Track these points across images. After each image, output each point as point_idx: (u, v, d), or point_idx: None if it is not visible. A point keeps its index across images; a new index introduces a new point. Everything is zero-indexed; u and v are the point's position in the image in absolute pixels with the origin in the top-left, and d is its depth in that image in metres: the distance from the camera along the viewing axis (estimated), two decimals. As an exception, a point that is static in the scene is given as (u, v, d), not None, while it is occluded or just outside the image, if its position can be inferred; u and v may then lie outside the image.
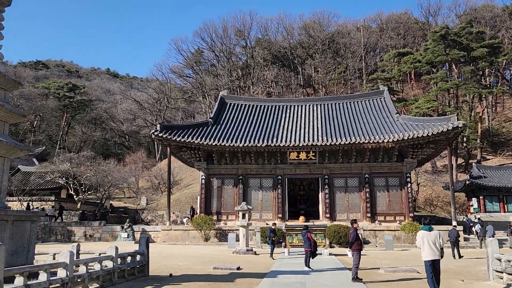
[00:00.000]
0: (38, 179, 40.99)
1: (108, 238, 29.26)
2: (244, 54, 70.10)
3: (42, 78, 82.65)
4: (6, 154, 10.38)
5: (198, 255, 19.91)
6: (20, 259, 9.87)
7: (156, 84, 72.82)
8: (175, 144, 29.70)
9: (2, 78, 10.48)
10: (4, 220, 9.51)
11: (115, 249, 11.05)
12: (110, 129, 74.86)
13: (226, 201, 30.49)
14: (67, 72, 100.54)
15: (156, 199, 47.91)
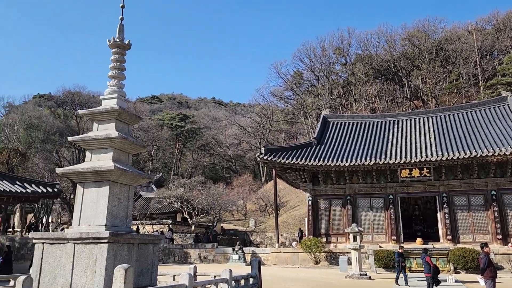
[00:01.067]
0: (156, 204, 44.55)
1: (221, 260, 30.25)
2: (344, 71, 69.05)
3: (157, 111, 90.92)
4: (130, 182, 11.30)
5: (309, 278, 19.45)
6: (145, 280, 10.54)
7: (259, 109, 75.13)
8: (280, 166, 29.93)
9: (125, 114, 11.54)
10: (131, 244, 10.27)
11: (229, 272, 11.24)
12: (218, 154, 78.79)
13: (334, 222, 29.61)
14: (178, 104, 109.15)
15: (264, 221, 48.61)
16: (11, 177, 25.84)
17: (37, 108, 67.99)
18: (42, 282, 9.65)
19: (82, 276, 9.40)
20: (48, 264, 9.85)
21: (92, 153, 11.16)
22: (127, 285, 7.38)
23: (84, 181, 10.77)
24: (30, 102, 79.38)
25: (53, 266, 9.77)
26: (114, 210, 10.49)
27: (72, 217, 33.12)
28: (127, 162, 11.48)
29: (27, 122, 56.22)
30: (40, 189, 24.78)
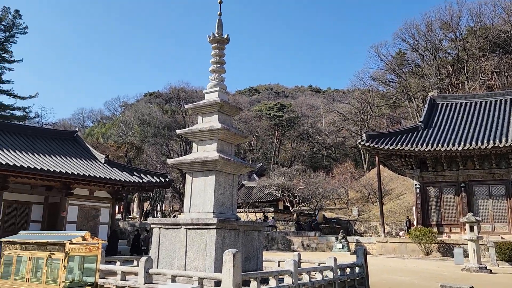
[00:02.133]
0: (258, 192, 45.80)
1: (324, 248, 30.09)
2: (453, 47, 63.11)
3: (255, 102, 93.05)
4: (234, 171, 11.73)
5: (419, 270, 18.36)
6: (252, 265, 10.90)
7: (358, 94, 72.59)
8: (383, 152, 28.62)
9: (226, 106, 11.98)
10: (237, 230, 10.70)
11: (334, 260, 11.09)
12: (317, 143, 78.13)
13: (446, 211, 27.49)
14: (275, 94, 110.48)
15: (367, 210, 47.12)
16: (129, 168, 28.62)
17: (147, 105, 74.21)
18: (161, 263, 10.54)
19: (194, 259, 10.06)
20: (165, 247, 10.72)
21: (198, 144, 11.82)
22: (236, 268, 7.69)
23: (192, 170, 11.46)
24: (141, 100, 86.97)
25: (169, 249, 10.61)
26: (220, 198, 11.00)
27: (183, 205, 35.50)
28: (230, 152, 11.93)
29: (140, 119, 61.68)
30: (154, 179, 27.04)
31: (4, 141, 23.58)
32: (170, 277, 8.78)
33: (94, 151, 28.97)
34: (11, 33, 50.66)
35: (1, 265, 8.93)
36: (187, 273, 8.97)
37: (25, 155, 22.54)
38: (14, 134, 25.32)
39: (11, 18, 50.62)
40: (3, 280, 8.77)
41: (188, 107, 12.72)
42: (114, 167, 26.89)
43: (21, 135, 25.56)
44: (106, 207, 26.72)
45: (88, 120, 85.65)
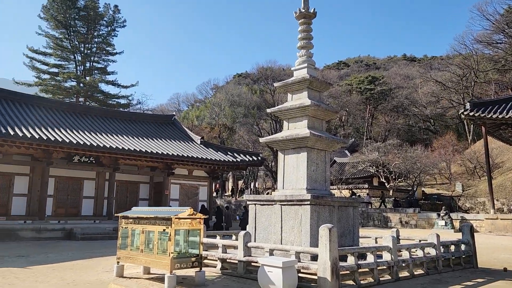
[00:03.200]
0: (351, 169, 44.84)
1: (424, 225, 28.67)
2: None
3: (344, 76, 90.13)
4: (325, 148, 11.61)
5: (537, 250, 16.62)
6: (348, 241, 10.80)
7: (459, 59, 66.34)
8: (491, 122, 26.04)
9: (316, 82, 11.81)
10: (331, 206, 10.64)
11: (437, 237, 10.52)
12: (413, 115, 73.68)
13: None
14: (366, 66, 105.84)
15: (473, 185, 43.56)
16: (223, 148, 29.90)
17: (237, 87, 76.15)
18: (258, 238, 10.94)
19: (290, 234, 10.27)
20: (261, 223, 11.09)
21: (288, 122, 11.88)
22: (332, 243, 7.69)
23: (284, 148, 11.59)
24: (231, 82, 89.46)
25: (265, 224, 10.95)
26: (313, 175, 11.00)
27: (275, 182, 36.31)
28: (321, 129, 11.81)
29: (230, 100, 63.63)
30: (247, 158, 27.94)
31: (113, 127, 26.09)
32: (268, 250, 9.08)
33: (190, 133, 30.73)
34: (112, 28, 55.12)
35: (119, 237, 10.02)
36: (284, 247, 9.20)
37: (131, 139, 24.72)
38: (121, 120, 27.87)
39: (111, 14, 55.02)
40: (121, 250, 9.85)
41: (277, 85, 12.79)
42: (209, 147, 28.30)
43: (126, 121, 28.06)
44: (204, 185, 28.35)
45: (183, 104, 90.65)
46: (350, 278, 8.27)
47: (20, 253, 14.24)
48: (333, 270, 7.60)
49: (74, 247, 16.68)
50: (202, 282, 8.60)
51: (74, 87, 50.94)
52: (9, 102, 23.16)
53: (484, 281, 9.55)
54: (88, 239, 19.12)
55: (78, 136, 21.99)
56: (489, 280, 9.71)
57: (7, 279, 9.45)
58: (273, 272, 7.60)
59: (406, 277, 9.47)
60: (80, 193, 23.86)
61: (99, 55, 54.78)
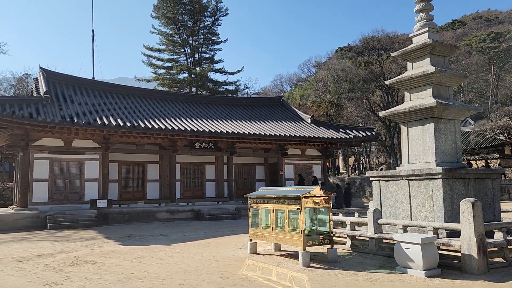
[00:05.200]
0: (477, 138, 40.87)
1: None
2: None
3: (461, 36, 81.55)
4: (455, 117, 10.74)
5: None
6: (488, 216, 9.94)
7: None
8: None
9: (439, 46, 10.92)
10: (466, 179, 9.88)
11: None
12: (549, 71, 64.08)
13: None
14: (486, 22, 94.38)
15: None
16: (335, 126, 29.48)
17: (340, 61, 73.90)
18: (384, 214, 10.67)
19: (420, 210, 9.81)
20: (387, 199, 10.77)
21: (410, 92, 11.23)
22: (477, 218, 7.16)
23: (407, 120, 11.01)
24: (333, 57, 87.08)
25: (392, 200, 10.61)
26: (442, 146, 10.30)
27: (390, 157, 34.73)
28: (448, 96, 10.97)
29: (334, 76, 62.08)
30: (360, 134, 27.17)
31: (227, 112, 27.43)
32: (401, 227, 8.81)
33: (300, 112, 30.88)
34: (215, 17, 57.42)
35: (250, 216, 10.60)
36: (419, 223, 8.82)
37: (245, 123, 25.73)
38: (232, 105, 29.16)
39: (214, 4, 57.28)
40: (253, 229, 10.42)
41: (394, 54, 12.12)
42: (320, 125, 28.16)
43: (238, 106, 29.26)
44: (317, 164, 28.40)
45: (286, 85, 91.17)
46: (498, 255, 7.64)
47: (160, 232, 15.93)
48: (479, 247, 7.09)
49: (204, 226, 18.11)
50: (335, 259, 8.71)
51: (187, 79, 54.53)
52: (134, 97, 25.72)
53: None
54: (214, 219, 20.58)
55: (197, 124, 23.60)
56: None
57: (158, 254, 10.66)
58: (411, 249, 7.36)
59: None
60: (203, 176, 25.71)
61: (205, 46, 57.63)
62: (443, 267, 7.49)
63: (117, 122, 20.29)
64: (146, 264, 9.38)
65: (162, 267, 8.92)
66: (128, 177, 23.78)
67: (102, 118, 20.39)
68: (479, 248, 7.09)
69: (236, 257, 9.93)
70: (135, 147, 23.39)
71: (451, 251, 7.73)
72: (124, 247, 12.21)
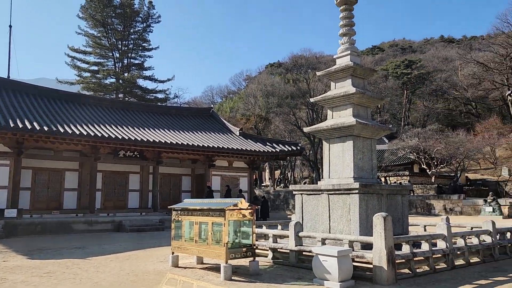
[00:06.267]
0: (390, 156, 44.00)
1: (470, 212, 27.86)
2: None
3: (379, 61, 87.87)
4: (371, 136, 11.50)
5: None
6: (397, 229, 10.68)
7: (502, 38, 63.08)
8: (540, 102, 24.86)
9: (360, 69, 11.67)
10: (380, 194, 10.57)
11: (492, 224, 10.26)
12: (453, 99, 71.11)
13: None
14: (401, 50, 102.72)
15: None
16: (262, 139, 30.06)
17: (269, 77, 75.91)
18: (305, 227, 11.03)
19: (339, 223, 10.30)
20: (308, 212, 11.17)
21: (332, 110, 11.82)
22: (388, 231, 7.67)
23: (329, 137, 11.56)
24: (263, 72, 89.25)
25: (312, 214, 11.02)
26: (360, 163, 10.94)
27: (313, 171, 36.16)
28: (366, 116, 11.69)
29: (263, 90, 63.57)
30: (286, 148, 27.98)
31: (154, 121, 26.78)
32: (320, 240, 9.16)
33: (229, 124, 31.08)
34: (147, 24, 56.24)
35: (173, 228, 10.38)
36: (337, 236, 9.25)
37: (173, 133, 25.30)
38: (161, 114, 28.56)
39: (146, 10, 56.07)
40: (175, 241, 10.21)
41: (319, 74, 12.73)
42: (248, 138, 28.54)
43: (166, 115, 28.72)
44: (244, 176, 28.68)
45: (217, 96, 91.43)
46: (405, 266, 8.23)
47: (76, 244, 14.99)
48: (389, 259, 7.60)
49: (125, 238, 17.37)
50: (256, 271, 8.81)
51: (114, 84, 52.47)
52: (54, 100, 24.15)
53: (545, 269, 9.26)
54: (137, 231, 19.84)
55: (122, 131, 22.73)
56: (551, 267, 9.40)
57: (71, 269, 10.01)
58: (328, 261, 7.68)
59: (462, 265, 9.33)
60: (126, 186, 24.72)
61: (135, 51, 56.09)
62: (357, 278, 7.91)
63: (32, 126, 18.86)
64: (57, 279, 8.77)
65: (75, 283, 8.40)
66: (42, 185, 22.13)
67: (15, 120, 18.84)
68: (389, 260, 7.60)
69: (157, 271, 9.65)
70: (52, 153, 21.88)
71: (364, 263, 8.19)
72: (33, 261, 11.31)
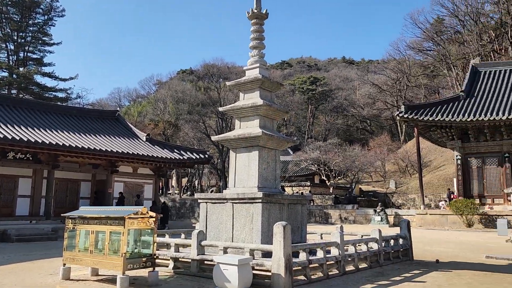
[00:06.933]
0: (294, 167, 46.09)
1: (362, 221, 30.21)
2: (496, 11, 59.74)
3: (288, 76, 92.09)
4: (276, 147, 11.93)
5: (462, 241, 18.26)
6: (296, 238, 11.19)
7: (394, 64, 70.44)
8: (422, 124, 28.04)
9: (268, 82, 12.08)
10: (281, 203, 10.99)
11: (379, 232, 11.24)
12: (352, 116, 77.10)
13: (489, 182, 26.89)
14: (307, 67, 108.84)
15: (405, 182, 46.58)
16: (170, 146, 29.46)
17: (181, 83, 75.12)
18: (209, 236, 11.02)
19: (241, 232, 10.46)
20: (212, 221, 11.18)
21: (240, 121, 12.05)
22: (286, 240, 7.99)
23: (236, 147, 11.75)
24: (175, 78, 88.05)
25: (216, 222, 11.06)
26: (264, 173, 11.27)
27: (220, 180, 36.42)
28: (272, 128, 12.11)
29: (174, 96, 62.66)
30: (194, 156, 27.75)
31: (52, 121, 24.76)
32: (222, 248, 9.21)
33: (135, 129, 29.93)
34: (49, 16, 52.15)
35: (66, 238, 9.65)
36: (239, 244, 9.38)
37: (72, 135, 23.63)
38: (61, 115, 26.51)
39: (48, 2, 51.96)
40: (68, 252, 9.50)
41: (229, 84, 12.91)
42: (155, 144, 27.76)
43: (67, 116, 26.74)
44: (149, 184, 27.78)
45: (124, 99, 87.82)
46: (301, 273, 8.64)
47: None
48: (286, 266, 7.91)
49: (10, 249, 15.68)
50: (155, 282, 8.56)
51: (6, 78, 47.53)
52: None
53: (420, 273, 10.38)
54: (25, 241, 18.06)
55: (14, 131, 20.64)
56: (424, 271, 10.55)
57: None
58: (229, 270, 7.75)
59: (351, 271, 10.06)
60: (14, 191, 22.36)
61: (34, 45, 51.56)
62: (256, 286, 8.10)
63: None
64: None
65: None
66: None
67: None
68: (287, 267, 7.92)
69: (45, 284, 8.88)
70: None
71: (264, 271, 8.41)
72: None
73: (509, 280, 9.55)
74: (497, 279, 9.64)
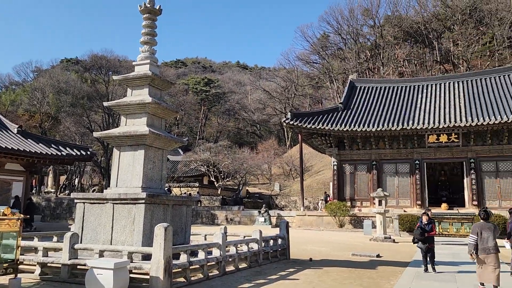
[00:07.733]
0: (184, 167, 45.62)
1: (247, 222, 31.14)
2: (372, 34, 66.88)
3: (182, 75, 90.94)
4: (164, 146, 11.70)
5: (334, 241, 19.94)
6: (180, 239, 11.11)
7: (284, 73, 74.27)
8: (305, 131, 30.02)
9: (158, 80, 11.81)
10: (166, 205, 10.80)
11: (259, 233, 11.71)
12: (243, 119, 79.08)
13: (359, 187, 29.84)
14: (202, 68, 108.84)
15: (288, 185, 49.23)
16: (46, 140, 26.84)
17: (64, 73, 69.25)
18: (85, 239, 10.33)
19: (121, 234, 10.02)
20: (90, 222, 10.50)
21: (127, 118, 11.55)
22: (167, 242, 7.87)
23: (120, 145, 11.23)
24: (57, 66, 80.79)
25: (94, 224, 10.42)
26: (149, 173, 10.97)
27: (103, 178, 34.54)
28: (160, 127, 11.85)
29: (55, 86, 57.42)
30: (74, 152, 25.69)
31: None
32: (98, 252, 8.72)
33: (4, 120, 26.69)
34: None
35: None
36: (116, 247, 8.96)
37: None
38: None
39: None
40: None
41: (116, 78, 12.31)
42: (28, 138, 25.07)
43: None
44: (19, 181, 24.96)
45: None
46: (181, 275, 8.59)
47: None
48: (165, 269, 7.79)
49: None
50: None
51: None
52: None
53: (295, 270, 11.09)
54: None
55: None
56: (298, 269, 11.29)
57: None
58: (103, 275, 7.37)
59: (232, 271, 10.31)
60: None
61: None
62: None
63: None
64: None
65: None
66: None
67: None
68: (166, 270, 7.79)
69: None
70: None
71: (142, 274, 8.18)
72: None
73: (368, 275, 10.71)
74: (359, 274, 10.74)
